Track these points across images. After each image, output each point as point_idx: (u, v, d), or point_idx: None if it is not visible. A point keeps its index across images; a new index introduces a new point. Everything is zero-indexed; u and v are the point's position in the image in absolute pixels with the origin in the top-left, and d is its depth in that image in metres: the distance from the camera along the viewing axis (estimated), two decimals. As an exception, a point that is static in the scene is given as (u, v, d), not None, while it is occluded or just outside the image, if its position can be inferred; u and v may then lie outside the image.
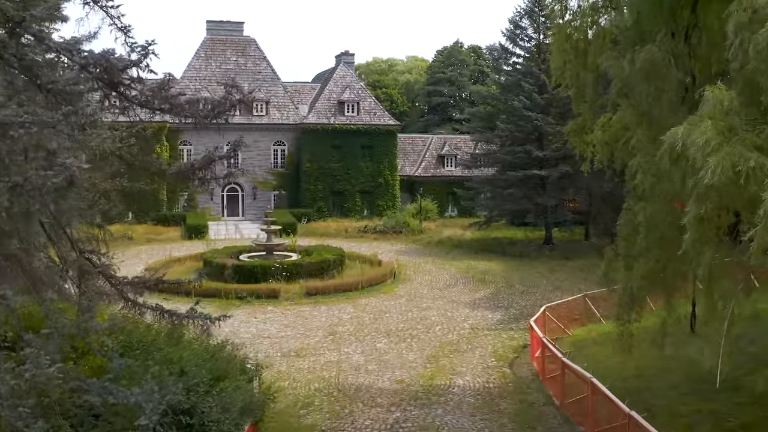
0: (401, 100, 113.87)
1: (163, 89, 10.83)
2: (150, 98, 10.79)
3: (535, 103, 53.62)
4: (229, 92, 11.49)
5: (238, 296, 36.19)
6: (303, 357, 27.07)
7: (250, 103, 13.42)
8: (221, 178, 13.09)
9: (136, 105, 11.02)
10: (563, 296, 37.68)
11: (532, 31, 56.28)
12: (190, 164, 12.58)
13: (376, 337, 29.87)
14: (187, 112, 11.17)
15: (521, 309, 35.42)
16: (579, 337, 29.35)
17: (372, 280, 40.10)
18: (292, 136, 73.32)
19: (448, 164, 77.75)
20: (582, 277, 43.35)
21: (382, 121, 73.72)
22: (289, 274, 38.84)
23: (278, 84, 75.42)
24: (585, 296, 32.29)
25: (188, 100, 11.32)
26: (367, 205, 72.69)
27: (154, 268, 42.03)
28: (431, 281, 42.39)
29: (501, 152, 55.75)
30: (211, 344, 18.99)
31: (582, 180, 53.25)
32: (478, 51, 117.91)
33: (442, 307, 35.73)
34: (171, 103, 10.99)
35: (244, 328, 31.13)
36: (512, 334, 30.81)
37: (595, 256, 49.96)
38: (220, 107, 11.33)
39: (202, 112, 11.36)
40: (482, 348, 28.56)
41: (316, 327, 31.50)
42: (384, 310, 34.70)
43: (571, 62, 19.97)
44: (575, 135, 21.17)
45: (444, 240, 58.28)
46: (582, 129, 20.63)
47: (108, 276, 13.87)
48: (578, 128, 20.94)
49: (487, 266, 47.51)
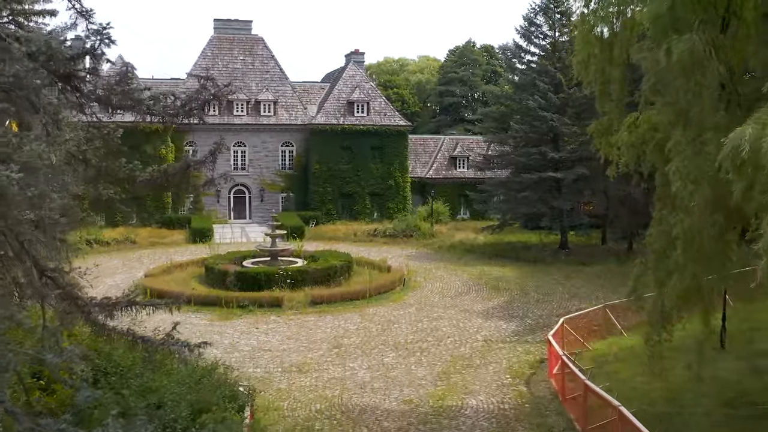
0: (413, 101, 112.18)
1: (122, 83, 9.07)
2: (107, 93, 9.03)
3: (551, 102, 51.75)
4: (203, 86, 9.74)
5: (239, 305, 34.53)
6: (305, 373, 25.32)
7: (224, 97, 11.76)
8: (201, 187, 11.36)
9: (94, 101, 9.26)
10: (581, 305, 36.01)
11: (548, 28, 54.30)
12: (163, 170, 10.83)
13: (384, 351, 28.10)
14: (153, 109, 9.42)
15: (537, 319, 33.62)
16: (600, 351, 27.49)
17: (380, 288, 38.31)
18: (301, 137, 71.68)
19: (461, 166, 75.89)
20: (599, 284, 41.59)
21: (393, 121, 71.97)
22: (293, 282, 37.10)
23: (286, 84, 73.78)
24: (605, 307, 30.44)
25: (153, 96, 9.56)
26: (377, 207, 70.99)
27: (154, 275, 40.57)
28: (442, 288, 40.59)
29: (515, 154, 53.83)
30: (200, 366, 17.30)
31: (599, 182, 51.46)
32: (490, 50, 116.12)
33: (454, 316, 33.95)
34: (132, 99, 9.25)
35: (245, 340, 29.45)
36: (528, 347, 29.00)
37: (612, 261, 48.56)
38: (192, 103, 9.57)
39: (170, 110, 9.61)
40: (496, 363, 26.75)
41: (321, 339, 29.77)
42: (392, 321, 32.94)
43: (596, 56, 18.21)
44: (600, 136, 19.31)
45: (456, 244, 56.46)
46: (607, 129, 18.80)
47: (73, 297, 12.23)
48: (603, 128, 19.09)
49: (501, 272, 45.70)
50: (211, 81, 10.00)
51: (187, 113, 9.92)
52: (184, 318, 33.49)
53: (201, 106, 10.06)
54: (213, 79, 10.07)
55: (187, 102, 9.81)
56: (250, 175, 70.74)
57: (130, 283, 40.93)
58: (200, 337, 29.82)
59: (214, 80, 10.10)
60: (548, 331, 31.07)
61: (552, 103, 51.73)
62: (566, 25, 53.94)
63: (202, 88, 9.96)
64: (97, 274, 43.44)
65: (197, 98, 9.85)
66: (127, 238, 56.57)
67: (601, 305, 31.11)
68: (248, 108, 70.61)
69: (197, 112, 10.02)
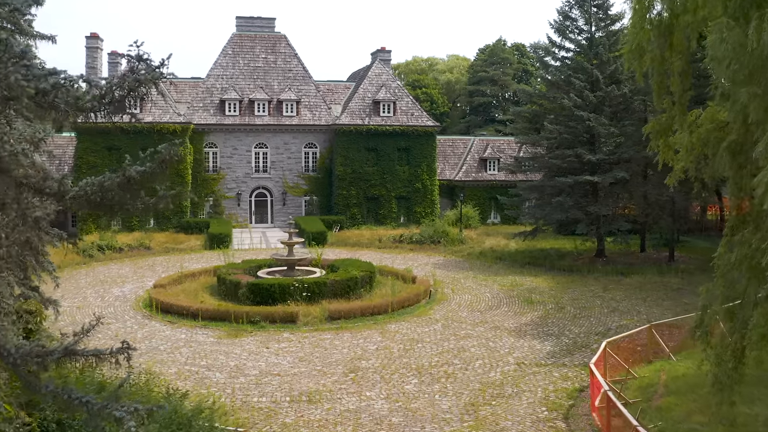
0: (442, 101, 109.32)
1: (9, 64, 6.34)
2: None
3: (587, 101, 48.66)
4: (133, 69, 7.00)
5: (250, 321, 31.87)
6: (315, 403, 22.55)
7: (158, 80, 9.43)
8: (150, 208, 8.65)
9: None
10: (621, 320, 33.14)
11: (583, 22, 51.09)
12: (98, 184, 8.13)
13: (405, 376, 25.24)
14: (55, 102, 6.67)
15: (574, 338, 30.64)
16: (647, 380, 24.39)
17: (404, 302, 35.43)
18: (325, 138, 69.06)
19: (491, 168, 72.78)
20: (641, 297, 38.54)
21: (420, 121, 69.11)
22: (310, 295, 34.39)
23: (310, 82, 71.17)
24: (651, 327, 27.38)
25: (55, 84, 6.79)
26: (404, 211, 68.22)
27: (163, 285, 38.04)
28: (471, 301, 37.63)
29: (548, 156, 50.62)
30: (180, 413, 14.55)
31: (638, 186, 48.39)
32: (522, 49, 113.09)
33: (483, 334, 31.04)
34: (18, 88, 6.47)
35: (252, 362, 26.74)
36: (565, 371, 26.01)
37: (653, 271, 45.35)
38: (114, 91, 6.82)
39: (85, 104, 6.86)
40: (531, 392, 23.79)
41: (336, 361, 26.98)
42: (416, 339, 30.08)
43: (653, 43, 15.21)
44: (658, 137, 16.31)
45: (486, 251, 53.45)
46: (666, 129, 15.81)
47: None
48: (661, 128, 16.09)
49: (534, 283, 42.68)
50: (144, 62, 7.25)
51: (113, 107, 7.19)
52: (190, 335, 31.07)
53: (129, 93, 7.29)
54: (147, 60, 7.31)
55: (108, 91, 7.09)
56: (272, 177, 68.26)
57: (139, 294, 38.61)
58: (204, 358, 27.34)
59: (148, 62, 7.34)
60: (587, 352, 28.27)
61: (588, 102, 48.66)
62: (603, 19, 50.85)
63: (131, 71, 7.22)
64: (105, 283, 41.32)
65: (121, 85, 7.11)
66: (141, 244, 54.22)
67: (645, 325, 28.03)
68: (270, 108, 68.12)
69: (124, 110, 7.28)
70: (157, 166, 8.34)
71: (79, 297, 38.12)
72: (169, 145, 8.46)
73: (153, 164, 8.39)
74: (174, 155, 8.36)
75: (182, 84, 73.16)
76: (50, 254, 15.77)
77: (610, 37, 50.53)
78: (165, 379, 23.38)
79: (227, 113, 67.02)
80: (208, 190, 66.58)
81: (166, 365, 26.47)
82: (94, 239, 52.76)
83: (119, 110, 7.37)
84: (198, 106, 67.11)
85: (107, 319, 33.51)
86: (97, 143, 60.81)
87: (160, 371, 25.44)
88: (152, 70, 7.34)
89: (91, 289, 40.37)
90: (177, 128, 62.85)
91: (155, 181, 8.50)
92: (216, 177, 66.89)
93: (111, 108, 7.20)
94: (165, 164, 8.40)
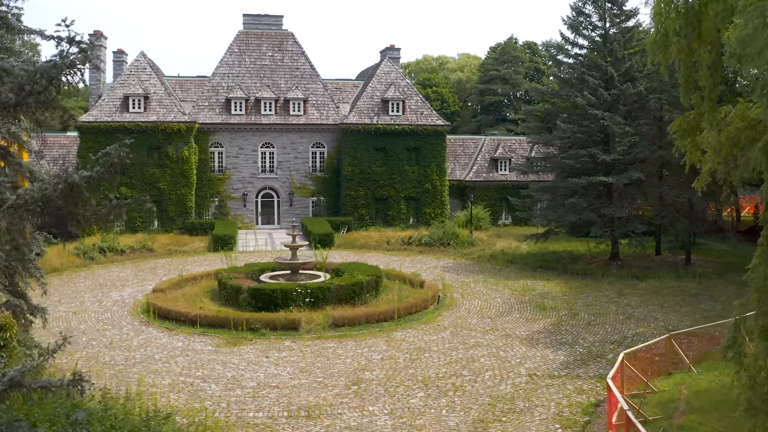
0: (452, 100, 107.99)
1: None
2: None
3: (601, 99, 47.18)
4: (62, 52, 5.69)
5: (251, 328, 30.59)
6: (314, 419, 21.24)
7: (91, 59, 8.65)
8: (102, 218, 7.35)
9: None
10: (637, 328, 31.82)
11: (597, 18, 49.58)
12: (39, 193, 6.83)
13: (411, 389, 23.90)
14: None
15: (589, 347, 29.25)
16: (667, 394, 22.96)
17: (411, 308, 34.06)
18: (332, 138, 67.69)
19: (502, 168, 71.28)
20: (657, 303, 37.14)
21: (430, 121, 67.66)
22: (313, 300, 33.06)
23: (317, 81, 69.79)
24: (670, 336, 25.96)
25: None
26: (413, 212, 66.82)
27: (162, 289, 36.83)
28: (481, 307, 36.24)
29: (561, 156, 49.12)
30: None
31: (654, 187, 46.95)
32: (533, 47, 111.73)
33: (494, 343, 29.68)
34: None
35: (250, 373, 25.45)
36: (580, 384, 24.65)
37: (669, 275, 43.80)
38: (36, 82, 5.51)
39: None
40: (543, 406, 22.44)
41: (338, 372, 25.66)
42: (423, 348, 28.74)
43: (679, 32, 13.83)
44: (685, 136, 14.89)
45: (497, 254, 51.99)
46: (695, 127, 14.41)
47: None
48: (689, 126, 14.67)
49: (546, 287, 41.25)
50: (76, 43, 5.92)
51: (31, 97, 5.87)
52: (188, 343, 29.78)
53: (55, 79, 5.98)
54: (81, 42, 5.99)
55: (29, 80, 5.78)
56: (279, 177, 66.95)
57: (139, 298, 37.43)
58: (201, 369, 26.02)
59: (82, 43, 6.01)
60: (602, 362, 26.96)
61: (603, 100, 47.20)
62: (618, 15, 49.37)
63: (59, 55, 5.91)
64: (104, 287, 40.12)
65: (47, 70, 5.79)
66: (143, 246, 53.00)
67: (665, 335, 26.63)
68: (277, 107, 66.83)
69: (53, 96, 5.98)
70: (106, 171, 7.06)
71: (76, 301, 36.93)
72: (119, 145, 7.19)
73: (101, 168, 7.11)
74: (125, 157, 7.08)
75: (187, 82, 72.00)
76: (49, 256, 14.52)
77: (624, 34, 49.08)
78: (154, 394, 22.15)
79: (233, 112, 65.78)
80: (213, 190, 65.35)
81: (160, 376, 25.19)
82: (95, 241, 51.62)
83: (46, 104, 6.10)
84: (203, 105, 65.87)
85: (103, 325, 32.35)
86: (99, 143, 59.53)
87: (153, 382, 24.24)
88: (85, 46, 6.02)
89: (90, 293, 39.15)
90: (182, 127, 61.71)
91: (104, 187, 7.22)
92: (221, 177, 65.66)
93: (34, 100, 5.90)
94: (115, 168, 7.11)
